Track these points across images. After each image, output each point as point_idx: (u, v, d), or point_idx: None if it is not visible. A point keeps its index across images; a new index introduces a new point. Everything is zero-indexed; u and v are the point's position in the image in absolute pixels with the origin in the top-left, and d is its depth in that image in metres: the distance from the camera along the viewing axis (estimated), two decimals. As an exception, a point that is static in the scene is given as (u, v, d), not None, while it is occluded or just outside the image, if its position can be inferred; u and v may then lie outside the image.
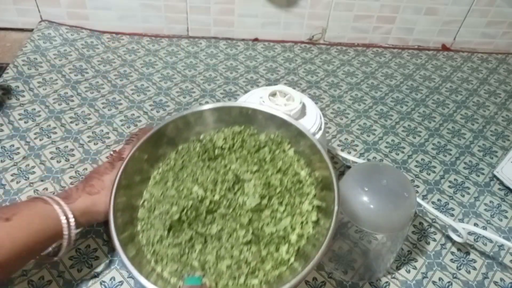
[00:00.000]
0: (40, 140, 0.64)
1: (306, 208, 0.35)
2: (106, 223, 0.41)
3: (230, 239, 0.33)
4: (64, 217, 0.42)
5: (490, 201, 0.64)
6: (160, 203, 0.36)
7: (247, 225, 0.33)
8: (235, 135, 0.39)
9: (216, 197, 0.35)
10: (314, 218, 0.34)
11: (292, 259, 0.32)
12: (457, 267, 0.55)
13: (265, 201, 0.34)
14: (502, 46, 0.99)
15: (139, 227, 0.36)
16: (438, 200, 0.63)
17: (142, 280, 0.31)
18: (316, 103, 0.70)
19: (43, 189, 0.57)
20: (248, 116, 0.40)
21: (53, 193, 0.45)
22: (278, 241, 0.33)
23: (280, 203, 0.35)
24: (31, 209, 0.42)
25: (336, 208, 0.32)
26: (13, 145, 0.63)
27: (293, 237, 0.33)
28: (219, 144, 0.38)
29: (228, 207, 0.35)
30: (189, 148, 0.39)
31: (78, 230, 0.44)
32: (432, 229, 0.59)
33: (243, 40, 0.93)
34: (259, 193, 0.34)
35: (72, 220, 0.42)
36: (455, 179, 0.66)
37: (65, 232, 0.42)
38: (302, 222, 0.34)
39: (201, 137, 0.40)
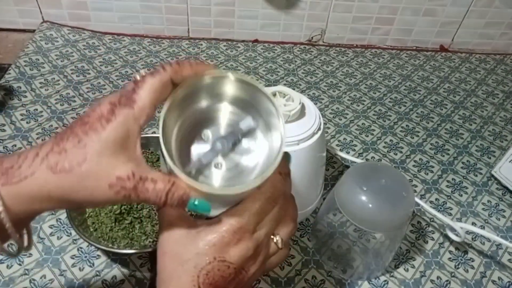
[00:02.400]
0: (42, 140, 0.65)
1: None
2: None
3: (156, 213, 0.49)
4: None
5: (488, 201, 0.64)
6: (103, 207, 0.50)
7: None
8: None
9: None
10: None
11: None
12: (455, 266, 0.55)
13: None
14: (500, 46, 0.99)
15: (91, 229, 0.49)
16: (436, 199, 0.64)
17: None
18: (315, 104, 0.70)
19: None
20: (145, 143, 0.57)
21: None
22: None
23: None
24: None
25: None
26: (15, 145, 0.63)
27: None
28: None
29: None
30: None
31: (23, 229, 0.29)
32: (430, 228, 0.59)
33: (243, 41, 0.94)
34: None
35: (3, 213, 0.25)
36: (453, 179, 0.67)
37: None
38: None
39: None
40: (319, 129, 0.48)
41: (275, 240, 0.30)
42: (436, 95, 0.84)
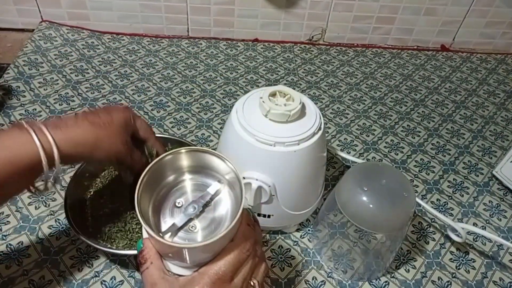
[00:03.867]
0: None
1: None
2: None
3: None
4: (42, 149, 0.34)
5: (489, 201, 0.64)
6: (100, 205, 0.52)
7: None
8: None
9: None
10: None
11: None
12: (456, 267, 0.55)
13: None
14: (501, 46, 0.99)
15: (90, 230, 0.49)
16: (437, 200, 0.63)
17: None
18: (316, 103, 0.70)
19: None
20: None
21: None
22: None
23: None
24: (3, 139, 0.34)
25: None
26: (14, 145, 0.63)
27: None
28: None
29: None
30: (109, 173, 0.55)
31: (65, 166, 0.38)
32: (431, 229, 0.59)
33: (243, 40, 0.93)
34: None
35: (56, 153, 0.35)
36: (454, 179, 0.67)
37: (45, 166, 0.35)
38: None
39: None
40: (319, 129, 0.47)
41: (252, 284, 0.33)
42: (437, 95, 0.84)
